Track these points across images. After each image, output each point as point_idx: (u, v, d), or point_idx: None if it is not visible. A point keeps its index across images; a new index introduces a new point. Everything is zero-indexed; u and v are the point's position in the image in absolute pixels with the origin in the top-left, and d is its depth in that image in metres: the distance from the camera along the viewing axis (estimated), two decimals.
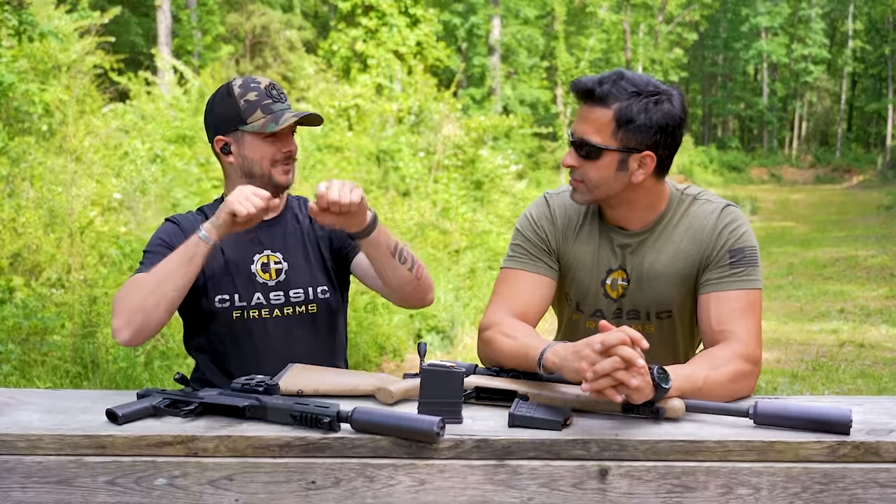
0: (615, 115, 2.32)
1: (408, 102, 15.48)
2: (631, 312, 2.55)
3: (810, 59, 45.38)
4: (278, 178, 2.65)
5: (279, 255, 2.72)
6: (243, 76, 2.70)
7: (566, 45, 31.65)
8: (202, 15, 23.76)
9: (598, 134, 2.35)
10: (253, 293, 2.67)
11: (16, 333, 6.61)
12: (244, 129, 2.61)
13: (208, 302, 2.67)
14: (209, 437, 2.03)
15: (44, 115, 9.81)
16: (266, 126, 2.59)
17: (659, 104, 2.33)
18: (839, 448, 1.98)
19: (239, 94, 2.62)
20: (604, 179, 2.39)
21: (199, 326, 2.73)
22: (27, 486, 2.03)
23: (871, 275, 14.13)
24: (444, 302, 9.98)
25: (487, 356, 2.43)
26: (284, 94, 2.68)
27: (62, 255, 7.97)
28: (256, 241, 2.71)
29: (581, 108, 2.39)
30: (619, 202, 2.46)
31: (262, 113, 2.60)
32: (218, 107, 2.66)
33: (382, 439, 2.01)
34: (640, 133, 2.33)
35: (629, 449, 1.99)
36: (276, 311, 2.68)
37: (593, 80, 2.35)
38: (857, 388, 7.62)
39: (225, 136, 2.65)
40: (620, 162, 2.36)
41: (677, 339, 2.60)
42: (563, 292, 2.65)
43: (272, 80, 2.67)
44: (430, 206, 13.46)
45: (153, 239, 2.68)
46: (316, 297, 2.72)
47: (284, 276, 2.70)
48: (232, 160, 2.66)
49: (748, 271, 2.40)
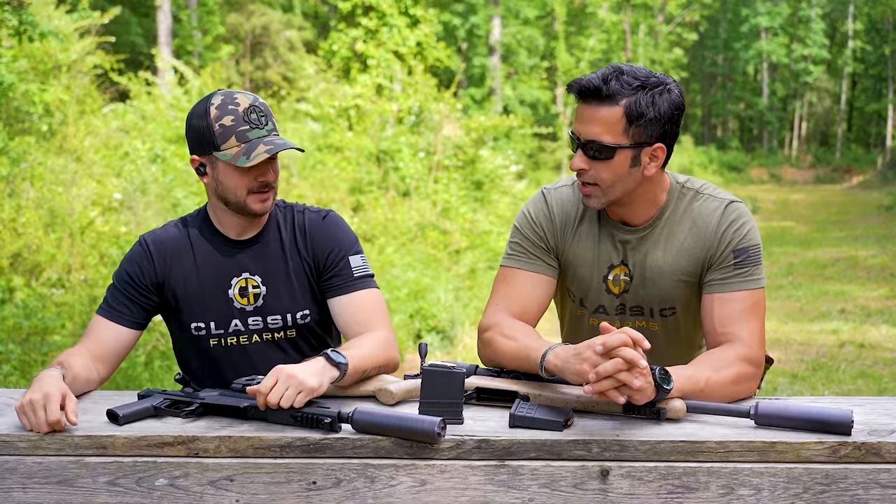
0: (625, 112, 2.28)
1: (408, 103, 15.47)
2: (634, 309, 2.53)
3: (810, 59, 45.35)
4: (253, 206, 2.49)
5: (258, 278, 2.57)
6: (226, 91, 2.51)
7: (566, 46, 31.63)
8: (202, 15, 23.76)
9: (609, 133, 2.30)
10: (230, 320, 2.56)
11: (16, 333, 6.61)
12: (216, 156, 2.45)
13: (184, 329, 2.59)
14: (210, 438, 2.03)
15: (44, 115, 9.80)
16: (237, 159, 2.41)
17: (663, 94, 2.31)
18: (840, 449, 1.98)
19: (215, 117, 2.43)
20: (618, 178, 2.35)
21: (181, 344, 2.67)
22: (28, 486, 2.03)
23: (872, 275, 14.12)
24: (444, 302, 9.98)
25: (488, 357, 2.42)
26: (266, 118, 2.48)
27: (62, 255, 7.97)
28: (234, 262, 2.58)
29: (584, 109, 2.33)
30: (630, 199, 2.43)
31: (236, 140, 2.42)
32: (194, 125, 2.48)
33: (383, 440, 2.01)
34: (651, 126, 2.30)
35: (630, 449, 1.99)
36: (254, 336, 2.59)
37: (598, 78, 2.30)
38: (857, 389, 7.62)
39: (199, 157, 2.50)
40: (633, 158, 2.34)
41: (683, 336, 2.58)
42: (566, 288, 2.63)
43: (255, 101, 2.48)
44: (430, 206, 13.46)
45: (121, 269, 2.58)
46: (295, 323, 2.60)
47: (263, 301, 2.57)
48: (207, 182, 2.53)
49: (752, 271, 2.39)
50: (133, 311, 2.54)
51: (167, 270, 2.56)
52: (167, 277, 2.56)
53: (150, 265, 2.56)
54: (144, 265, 2.55)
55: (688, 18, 38.96)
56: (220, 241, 2.59)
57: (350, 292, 2.56)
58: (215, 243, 2.59)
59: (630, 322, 2.55)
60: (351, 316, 2.54)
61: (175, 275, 2.56)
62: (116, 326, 2.51)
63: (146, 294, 2.55)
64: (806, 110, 49.52)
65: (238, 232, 2.59)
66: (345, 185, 13.04)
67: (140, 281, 2.55)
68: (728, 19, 46.59)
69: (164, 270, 2.56)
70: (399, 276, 10.26)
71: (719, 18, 46.82)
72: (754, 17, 43.92)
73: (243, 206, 2.50)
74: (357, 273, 2.58)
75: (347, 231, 2.64)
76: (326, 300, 2.60)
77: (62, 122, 10.02)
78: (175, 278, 2.56)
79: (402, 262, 11.03)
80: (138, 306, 2.54)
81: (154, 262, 2.56)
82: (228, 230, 2.59)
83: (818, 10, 45.36)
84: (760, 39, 44.76)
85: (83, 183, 9.20)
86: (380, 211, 12.81)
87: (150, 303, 2.57)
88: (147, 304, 2.56)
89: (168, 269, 2.56)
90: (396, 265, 10.81)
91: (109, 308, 2.53)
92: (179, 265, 2.57)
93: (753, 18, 43.96)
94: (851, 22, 45.06)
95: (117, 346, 2.51)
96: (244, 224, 2.59)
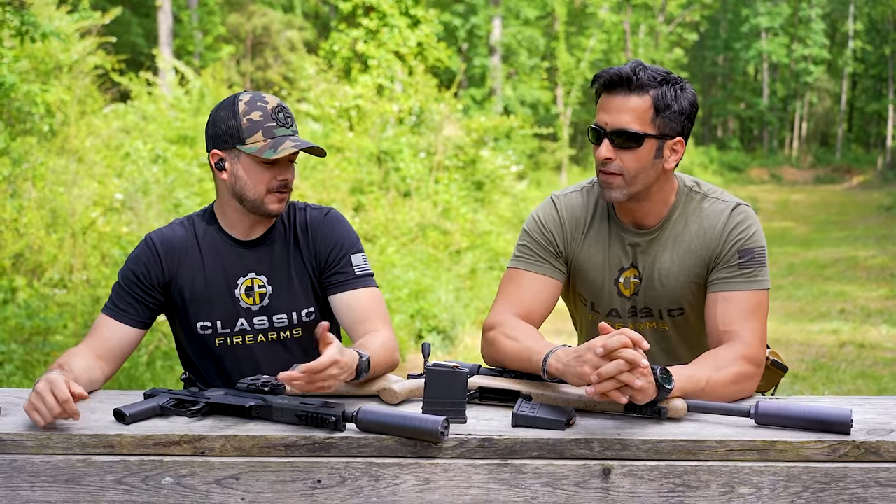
0: (654, 102, 2.35)
1: (409, 103, 15.48)
2: (644, 311, 2.56)
3: (810, 59, 45.35)
4: (270, 205, 2.52)
5: (264, 277, 2.59)
6: (254, 91, 2.56)
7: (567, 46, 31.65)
8: (203, 15, 23.76)
9: (638, 122, 2.36)
10: (236, 319, 2.58)
11: (18, 334, 6.63)
12: (241, 149, 2.48)
13: (190, 327, 2.60)
14: (216, 437, 2.05)
15: (45, 115, 9.81)
16: (263, 151, 2.45)
17: (684, 90, 2.39)
18: (840, 448, 2.00)
19: (243, 112, 2.48)
20: (642, 168, 2.39)
21: (185, 343, 2.68)
22: (36, 484, 2.05)
23: (872, 275, 14.13)
24: (444, 302, 10.00)
25: (491, 357, 2.44)
26: (292, 119, 2.54)
27: (64, 255, 7.99)
28: (241, 262, 2.60)
29: (612, 99, 2.38)
30: (647, 194, 2.46)
31: (262, 136, 2.46)
32: (219, 120, 2.51)
33: (387, 439, 2.03)
34: (675, 119, 2.38)
35: (632, 448, 2.01)
36: (259, 335, 2.60)
37: (628, 69, 2.36)
38: (857, 389, 7.63)
39: (221, 152, 2.52)
40: (657, 150, 2.39)
41: (695, 336, 2.60)
42: (577, 294, 2.65)
43: (282, 102, 2.54)
44: (430, 206, 13.47)
45: (127, 268, 2.59)
46: (300, 322, 2.62)
47: (268, 300, 2.59)
48: (225, 178, 2.54)
49: (756, 272, 2.42)
50: (138, 311, 2.55)
51: (174, 270, 2.57)
52: (174, 277, 2.57)
53: (158, 265, 2.57)
54: (151, 265, 2.56)
55: (688, 18, 38.97)
56: (226, 241, 2.61)
57: (352, 289, 2.58)
58: (222, 243, 2.60)
59: (641, 324, 2.57)
60: (354, 313, 2.55)
61: (182, 274, 2.57)
62: (121, 325, 2.53)
63: (152, 294, 2.57)
64: (806, 110, 49.50)
65: (246, 232, 2.61)
66: (346, 185, 13.05)
67: (146, 281, 2.56)
68: (728, 19, 46.58)
69: (172, 270, 2.57)
70: (400, 276, 10.28)
71: (720, 18, 46.81)
72: (754, 17, 43.93)
73: (260, 205, 2.52)
74: (358, 272, 2.60)
75: (349, 229, 2.66)
76: (328, 297, 2.62)
77: (63, 123, 10.03)
78: (182, 278, 2.57)
79: (403, 263, 11.04)
80: (144, 306, 2.56)
81: (161, 261, 2.57)
82: (236, 230, 2.61)
83: (818, 10, 45.36)
84: (761, 39, 44.76)
85: (85, 183, 9.22)
86: (381, 211, 12.82)
87: (156, 302, 2.58)
88: (153, 304, 2.57)
89: (175, 268, 2.57)
90: (397, 265, 10.83)
91: (115, 307, 2.54)
92: (186, 265, 2.58)
93: (754, 18, 43.96)
94: (852, 22, 45.04)
95: (122, 346, 2.53)
96: (253, 224, 2.60)
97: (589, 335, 2.69)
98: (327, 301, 2.63)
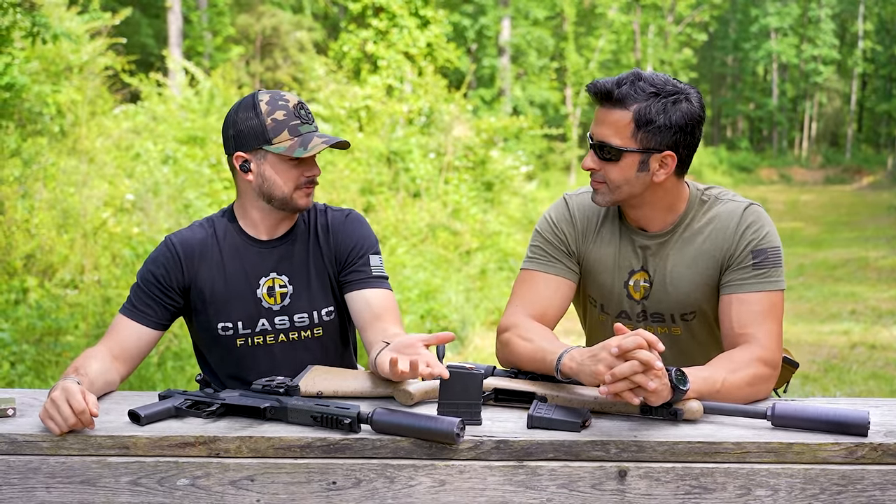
0: (634, 117, 2.33)
1: (418, 103, 15.48)
2: (655, 316, 2.55)
3: (820, 59, 45.26)
4: (299, 201, 2.55)
5: (285, 277, 2.61)
6: (269, 90, 2.57)
7: (576, 46, 31.65)
8: (212, 16, 23.80)
9: (618, 136, 2.35)
10: (258, 319, 2.59)
11: (30, 334, 6.65)
12: (268, 150, 2.49)
13: (211, 328, 2.61)
14: (231, 438, 2.05)
15: (56, 116, 9.84)
16: (293, 150, 2.47)
17: (677, 104, 2.34)
18: (857, 450, 1.99)
19: (266, 112, 2.48)
20: (625, 180, 2.39)
21: (204, 345, 2.69)
22: (51, 485, 2.05)
23: (882, 276, 14.09)
24: (454, 303, 9.99)
25: (505, 358, 2.44)
26: (312, 115, 2.56)
27: (75, 255, 8.00)
28: (262, 262, 2.61)
29: (599, 111, 2.39)
30: (640, 202, 2.46)
31: (289, 134, 2.48)
32: (241, 121, 2.51)
33: (402, 440, 2.03)
34: (660, 133, 2.34)
35: (648, 450, 2.00)
36: (280, 335, 2.61)
37: (611, 82, 2.35)
38: (868, 390, 7.61)
39: (246, 154, 2.52)
40: (641, 163, 2.37)
41: (708, 339, 2.58)
42: (587, 295, 2.65)
43: (300, 99, 2.55)
44: (440, 207, 13.47)
45: (146, 269, 2.59)
46: (321, 321, 2.63)
47: (289, 300, 2.60)
48: (251, 179, 2.54)
49: (770, 272, 2.40)
50: (157, 312, 2.55)
51: (195, 272, 2.58)
52: (194, 279, 2.58)
53: (178, 268, 2.57)
54: (171, 267, 2.57)
55: (697, 19, 38.94)
56: (247, 242, 2.61)
57: (369, 288, 2.59)
58: (242, 244, 2.61)
59: (651, 328, 2.56)
60: (370, 311, 2.56)
61: (203, 276, 2.58)
62: (139, 326, 2.53)
63: (171, 296, 2.57)
64: (816, 111, 49.39)
65: (269, 231, 2.62)
66: (355, 185, 13.05)
67: (166, 283, 2.56)
68: (738, 20, 46.54)
69: (192, 273, 2.58)
70: (410, 276, 10.28)
71: (729, 19, 46.77)
72: (764, 17, 43.86)
73: (289, 201, 2.54)
74: (375, 272, 2.62)
75: (369, 230, 2.69)
76: (344, 294, 2.63)
77: (74, 124, 10.06)
78: (203, 280, 2.58)
79: (413, 263, 11.05)
80: (163, 307, 2.56)
81: (182, 264, 2.57)
82: (258, 230, 2.62)
83: (828, 10, 45.27)
84: (770, 40, 44.69)
85: (95, 184, 9.24)
86: (390, 212, 12.82)
87: (175, 304, 2.58)
88: (171, 306, 2.58)
89: (195, 271, 2.58)
90: (407, 266, 10.83)
91: (133, 308, 2.55)
92: (206, 266, 2.58)
93: (763, 19, 43.90)
94: (861, 22, 44.92)
95: (139, 346, 2.53)
96: (278, 222, 2.61)
97: (597, 338, 2.68)
98: (345, 301, 2.64)
